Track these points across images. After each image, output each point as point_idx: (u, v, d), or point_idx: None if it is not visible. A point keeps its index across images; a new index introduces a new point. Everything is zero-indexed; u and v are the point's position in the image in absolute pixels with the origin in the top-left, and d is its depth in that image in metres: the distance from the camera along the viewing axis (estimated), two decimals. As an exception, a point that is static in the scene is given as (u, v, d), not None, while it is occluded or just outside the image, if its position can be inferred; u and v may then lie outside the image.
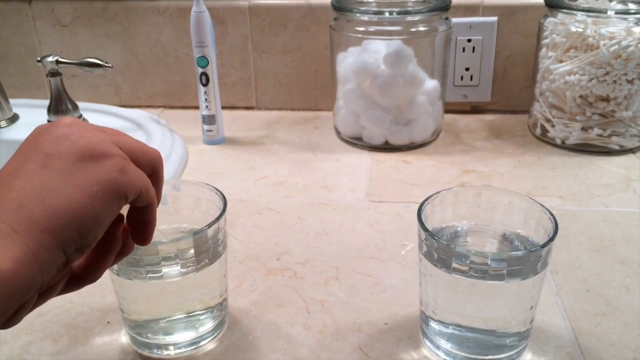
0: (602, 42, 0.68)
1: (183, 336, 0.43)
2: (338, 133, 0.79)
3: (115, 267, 0.40)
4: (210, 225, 0.40)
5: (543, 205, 0.40)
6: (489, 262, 0.37)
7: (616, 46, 0.67)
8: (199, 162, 0.73)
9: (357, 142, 0.77)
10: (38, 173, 0.28)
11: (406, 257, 0.54)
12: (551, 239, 0.37)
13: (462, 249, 0.37)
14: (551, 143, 0.75)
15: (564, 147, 0.74)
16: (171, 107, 0.91)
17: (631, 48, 0.67)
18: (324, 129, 0.83)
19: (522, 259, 0.36)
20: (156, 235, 0.44)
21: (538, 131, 0.77)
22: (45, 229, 0.27)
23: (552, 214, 0.39)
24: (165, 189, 0.45)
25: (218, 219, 0.40)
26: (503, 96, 0.85)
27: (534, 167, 0.70)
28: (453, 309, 0.40)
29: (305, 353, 0.43)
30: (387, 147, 0.75)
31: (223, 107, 0.88)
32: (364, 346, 0.43)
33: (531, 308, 0.39)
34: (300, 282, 0.51)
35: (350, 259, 0.54)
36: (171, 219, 0.45)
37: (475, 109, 0.87)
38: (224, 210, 0.41)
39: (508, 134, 0.79)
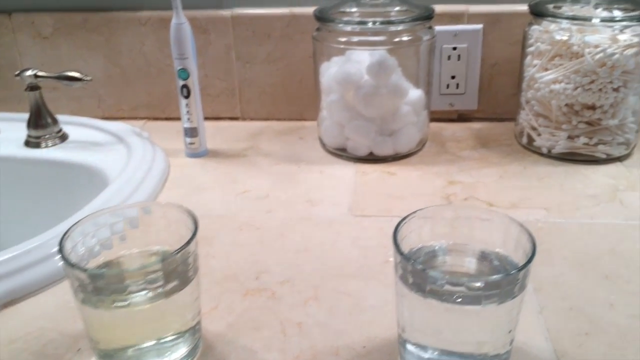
0: (587, 50, 0.67)
1: (154, 364, 0.42)
2: (323, 144, 0.78)
3: (80, 295, 0.38)
4: (179, 250, 0.39)
5: (522, 225, 0.39)
6: (464, 287, 0.36)
7: (601, 54, 0.66)
8: (180, 176, 0.72)
9: (341, 153, 0.76)
10: None
11: (387, 274, 0.53)
12: (528, 261, 0.36)
13: (437, 273, 0.36)
14: (537, 152, 0.75)
15: (550, 156, 0.73)
16: (155, 119, 0.90)
17: (616, 56, 0.66)
18: (308, 139, 0.81)
19: (499, 283, 0.35)
20: (126, 260, 0.43)
21: (524, 140, 0.76)
22: None
23: (530, 234, 0.38)
24: (136, 211, 0.44)
25: (188, 243, 0.39)
26: (490, 104, 0.85)
27: (520, 177, 0.69)
28: (429, 332, 0.39)
29: (281, 379, 0.42)
30: (372, 158, 0.74)
31: (208, 118, 0.86)
32: (341, 371, 0.42)
33: (510, 332, 0.38)
34: (278, 303, 0.49)
35: (331, 277, 0.53)
36: (141, 241, 0.44)
37: (462, 117, 0.86)
38: (194, 234, 0.40)
39: (494, 142, 0.78)
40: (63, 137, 0.78)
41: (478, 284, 0.35)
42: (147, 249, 0.44)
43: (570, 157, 0.72)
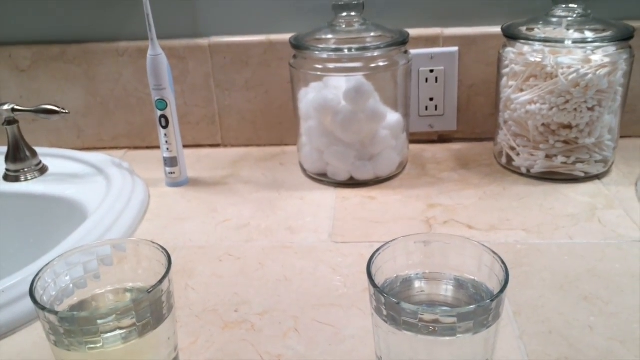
0: (560, 71, 0.68)
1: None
2: (303, 170, 0.78)
3: (52, 337, 0.38)
4: (151, 289, 0.38)
5: (494, 254, 0.39)
6: (438, 318, 0.35)
7: (574, 74, 0.67)
8: (160, 207, 0.72)
9: (322, 178, 0.76)
10: None
11: (367, 302, 0.52)
12: (501, 291, 0.36)
13: (410, 305, 0.36)
14: (517, 172, 0.75)
15: (529, 175, 0.74)
16: (135, 148, 0.89)
17: (589, 76, 0.67)
18: (289, 165, 0.82)
19: (472, 314, 0.35)
20: (100, 299, 0.43)
21: (504, 160, 0.77)
22: None
23: (503, 263, 0.38)
24: (109, 249, 0.43)
25: (160, 282, 0.39)
26: (469, 124, 0.85)
27: (499, 198, 0.69)
28: (407, 365, 0.39)
29: (259, 415, 0.41)
30: (352, 183, 0.74)
31: (188, 146, 0.87)
32: (320, 404, 0.42)
33: (486, 361, 0.38)
34: (258, 336, 0.49)
35: (310, 307, 0.52)
36: (116, 279, 0.43)
37: (442, 138, 0.86)
38: (167, 273, 0.40)
39: (474, 163, 0.79)
40: (42, 170, 0.77)
41: (451, 316, 0.35)
42: (122, 287, 0.44)
43: (549, 177, 0.73)
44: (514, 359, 0.45)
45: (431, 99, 0.84)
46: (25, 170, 0.76)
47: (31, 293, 0.38)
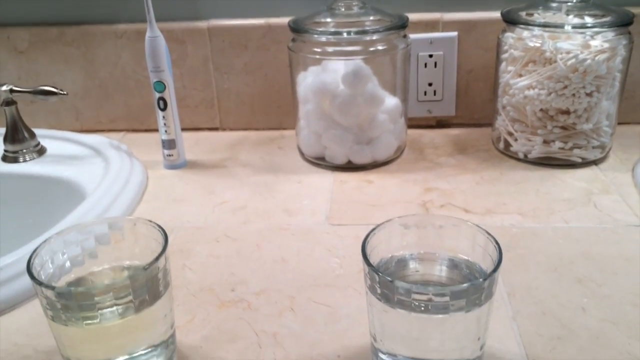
0: (559, 57, 0.68)
1: (127, 378, 0.41)
2: (301, 153, 0.79)
3: (49, 312, 0.38)
4: (147, 266, 0.39)
5: (488, 234, 0.40)
6: (431, 297, 0.36)
7: (573, 60, 0.67)
8: (158, 189, 0.72)
9: (320, 162, 0.76)
10: None
11: (363, 283, 0.53)
12: (494, 270, 0.37)
13: (403, 283, 0.36)
14: (514, 157, 0.75)
15: (526, 161, 0.74)
16: (134, 131, 0.90)
17: (588, 61, 0.67)
18: (287, 149, 0.82)
19: (465, 292, 0.36)
20: (97, 276, 0.43)
21: (501, 145, 0.77)
22: None
23: (496, 243, 0.39)
24: (106, 227, 0.44)
25: (157, 259, 0.39)
26: (467, 110, 0.85)
27: (496, 182, 0.70)
28: (400, 341, 0.39)
29: (254, 391, 0.42)
30: (350, 167, 0.75)
31: (187, 129, 0.87)
32: (314, 381, 0.42)
33: (479, 338, 0.39)
34: (254, 314, 0.49)
35: (307, 287, 0.53)
36: (113, 257, 0.44)
37: (441, 124, 0.87)
38: (163, 250, 0.40)
39: (472, 148, 0.79)
40: (41, 151, 0.78)
41: (444, 294, 0.36)
42: (119, 264, 0.44)
43: (547, 162, 0.73)
44: (507, 339, 0.45)
45: (430, 84, 0.84)
46: (24, 151, 0.76)
47: (28, 269, 0.38)
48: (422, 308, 0.36)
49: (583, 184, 0.68)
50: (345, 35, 0.70)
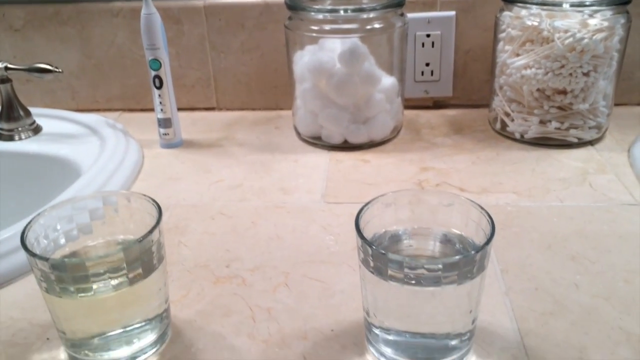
0: (556, 35, 0.67)
1: (122, 351, 0.42)
2: (298, 133, 0.79)
3: (43, 284, 0.38)
4: (141, 239, 0.39)
5: (482, 208, 0.40)
6: (423, 269, 0.36)
7: (571, 39, 0.67)
8: (154, 167, 0.72)
9: (316, 141, 0.76)
10: None
11: (357, 259, 0.53)
12: (486, 243, 0.37)
13: (395, 256, 0.36)
14: (510, 137, 0.75)
15: (523, 141, 0.74)
16: (130, 110, 0.89)
17: (585, 40, 0.66)
18: (284, 128, 0.82)
19: (457, 265, 0.36)
20: (91, 250, 0.43)
21: (498, 125, 0.77)
22: None
23: (489, 217, 0.39)
24: (100, 202, 0.44)
25: (150, 232, 0.39)
26: (464, 90, 0.85)
27: (492, 162, 0.70)
28: (392, 315, 0.39)
29: (248, 364, 0.42)
30: (346, 146, 0.74)
31: (183, 109, 0.86)
32: (308, 354, 0.43)
33: (470, 312, 0.39)
34: (249, 290, 0.50)
35: (301, 263, 0.53)
36: (107, 231, 0.44)
37: (438, 104, 0.86)
38: (157, 223, 0.40)
39: (469, 129, 0.79)
40: (36, 130, 0.77)
41: (436, 266, 0.36)
42: (113, 239, 0.44)
43: (543, 142, 0.73)
44: (500, 314, 0.46)
45: (427, 64, 0.83)
46: (19, 129, 0.76)
47: (22, 241, 0.39)
48: (415, 281, 0.36)
49: (579, 164, 0.68)
50: (342, 12, 0.70)
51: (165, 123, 0.75)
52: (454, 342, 0.40)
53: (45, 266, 0.37)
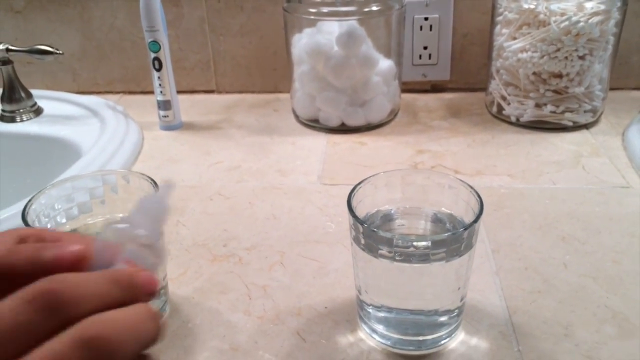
0: (552, 19, 0.68)
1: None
2: (296, 115, 0.79)
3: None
4: (139, 216, 0.40)
5: (471, 187, 0.41)
6: (412, 246, 0.37)
7: (566, 22, 0.67)
8: (153, 149, 0.73)
9: (314, 124, 0.77)
10: None
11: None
12: (474, 221, 0.38)
13: (386, 233, 0.37)
14: (506, 121, 0.76)
15: (518, 124, 0.75)
16: (130, 93, 0.90)
17: (581, 24, 0.67)
18: (283, 111, 0.82)
19: (445, 242, 0.37)
20: (91, 228, 0.45)
21: (494, 109, 0.78)
22: None
23: (479, 195, 0.40)
24: (100, 180, 0.45)
25: (148, 209, 0.40)
26: (462, 74, 0.85)
27: (487, 145, 0.70)
28: (382, 292, 0.40)
29: (243, 339, 0.43)
30: (343, 129, 0.75)
31: (183, 92, 0.87)
32: (301, 330, 0.44)
33: (459, 289, 0.40)
34: (245, 268, 0.51)
35: (297, 243, 0.54)
36: (106, 210, 0.45)
37: (435, 88, 0.87)
38: (155, 201, 0.41)
39: (465, 112, 0.79)
40: (37, 112, 0.78)
41: (425, 243, 0.37)
42: (113, 217, 0.45)
43: (538, 125, 0.74)
44: (489, 292, 0.47)
45: (425, 48, 0.84)
46: (21, 111, 0.77)
47: (23, 218, 0.40)
48: (403, 258, 0.37)
49: (573, 147, 0.69)
50: (339, -4, 0.70)
51: (164, 105, 0.76)
52: (442, 319, 0.41)
53: (46, 242, 0.38)
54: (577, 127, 0.73)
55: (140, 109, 0.83)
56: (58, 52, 0.73)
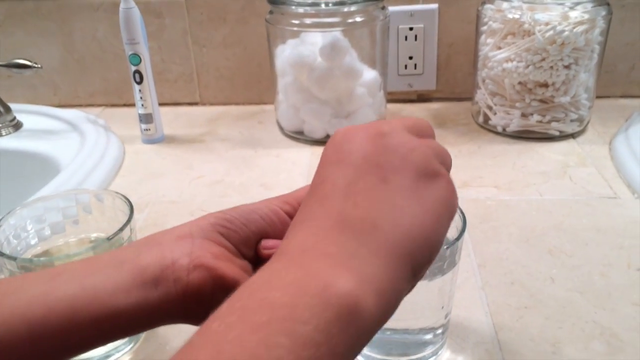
0: (537, 28, 0.67)
1: (96, 350, 0.41)
2: (280, 128, 0.78)
3: None
4: (111, 237, 0.38)
5: (454, 203, 0.40)
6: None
7: (551, 32, 0.67)
8: (135, 163, 0.71)
9: (298, 136, 0.76)
10: (379, 188, 0.25)
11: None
12: (457, 239, 0.37)
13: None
14: (493, 131, 0.75)
15: (505, 134, 0.74)
16: (112, 106, 0.89)
17: (566, 33, 0.66)
18: (267, 123, 0.81)
19: (427, 261, 0.36)
20: (63, 249, 0.43)
21: (481, 119, 0.77)
22: (404, 255, 0.24)
23: (462, 212, 0.39)
24: (73, 201, 0.43)
25: (121, 229, 0.39)
26: (448, 84, 0.85)
27: (474, 156, 0.70)
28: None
29: None
30: (328, 141, 0.74)
31: (166, 104, 0.86)
32: (282, 351, 0.43)
33: (442, 307, 0.39)
34: (225, 286, 0.49)
35: (279, 259, 0.53)
36: (79, 230, 0.44)
37: (422, 98, 0.86)
38: (128, 221, 0.40)
39: (451, 122, 0.79)
40: (17, 126, 0.77)
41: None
42: (86, 236, 0.44)
43: (525, 135, 0.73)
44: (475, 309, 0.46)
45: (410, 58, 0.83)
46: (0, 125, 0.75)
47: (-10, 240, 0.38)
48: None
49: (560, 157, 0.68)
50: (323, 6, 0.70)
51: (146, 118, 0.74)
52: (427, 337, 0.40)
53: (14, 266, 0.37)
54: (563, 136, 0.73)
55: (122, 122, 0.82)
56: (36, 65, 0.72)
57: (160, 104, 0.76)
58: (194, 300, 0.28)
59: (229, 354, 0.19)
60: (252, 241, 0.31)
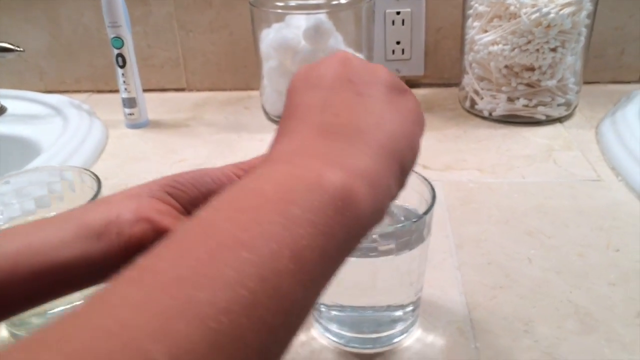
0: (523, 10, 0.66)
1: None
2: (265, 112, 0.78)
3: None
4: (76, 211, 0.38)
5: (424, 178, 0.39)
6: (359, 239, 0.35)
7: (537, 14, 0.66)
8: (117, 147, 0.71)
9: (283, 121, 0.75)
10: (356, 100, 0.26)
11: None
12: (425, 213, 0.36)
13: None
14: (479, 115, 0.74)
15: (491, 119, 0.73)
16: (99, 91, 0.88)
17: (552, 15, 0.66)
18: (253, 109, 0.81)
19: (393, 234, 0.35)
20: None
21: (467, 104, 0.76)
22: (391, 152, 0.24)
23: (432, 187, 0.38)
24: (44, 175, 0.43)
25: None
26: (436, 69, 0.84)
27: (459, 140, 0.69)
28: (333, 289, 0.39)
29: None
30: (313, 125, 0.74)
31: (153, 90, 0.85)
32: (253, 330, 0.42)
33: (411, 284, 0.38)
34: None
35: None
36: (53, 208, 0.43)
37: (410, 83, 0.85)
38: (95, 196, 0.40)
39: (438, 107, 0.78)
40: (0, 111, 0.76)
41: (372, 236, 0.35)
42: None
43: (512, 120, 0.72)
44: (449, 288, 0.45)
45: (398, 43, 0.82)
46: (-18, 110, 0.75)
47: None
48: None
49: (545, 141, 0.67)
50: (306, -11, 0.69)
51: (129, 103, 0.74)
52: (396, 314, 0.39)
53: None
54: (550, 121, 0.72)
55: (108, 107, 0.81)
56: (18, 49, 0.72)
57: (147, 90, 0.75)
58: (136, 253, 0.28)
59: (219, 230, 0.19)
60: (200, 202, 0.30)
